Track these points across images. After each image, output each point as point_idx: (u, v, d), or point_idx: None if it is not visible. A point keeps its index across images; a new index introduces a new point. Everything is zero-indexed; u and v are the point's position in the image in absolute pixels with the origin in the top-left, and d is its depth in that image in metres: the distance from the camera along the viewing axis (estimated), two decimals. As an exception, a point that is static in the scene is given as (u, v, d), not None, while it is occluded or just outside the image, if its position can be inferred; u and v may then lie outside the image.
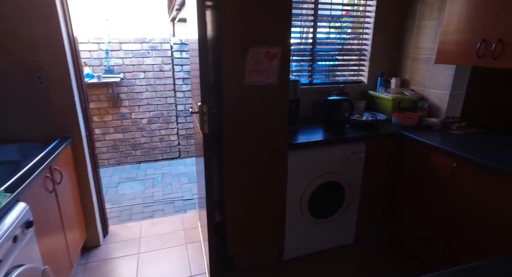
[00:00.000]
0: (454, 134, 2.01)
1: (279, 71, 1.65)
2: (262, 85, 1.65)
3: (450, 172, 1.76)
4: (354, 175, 2.08)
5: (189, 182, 3.42)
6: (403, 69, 2.48)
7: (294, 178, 1.91)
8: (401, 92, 2.34)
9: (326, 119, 2.11)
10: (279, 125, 1.76)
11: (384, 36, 2.44)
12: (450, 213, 1.79)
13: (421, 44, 2.29)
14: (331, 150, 1.95)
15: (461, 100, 2.16)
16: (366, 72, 2.52)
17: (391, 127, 2.19)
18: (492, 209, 1.55)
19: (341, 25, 2.47)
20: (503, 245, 1.52)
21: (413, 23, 2.35)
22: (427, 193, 1.94)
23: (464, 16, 1.79)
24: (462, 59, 1.81)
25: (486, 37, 1.67)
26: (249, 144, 1.73)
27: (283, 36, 1.61)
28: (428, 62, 2.25)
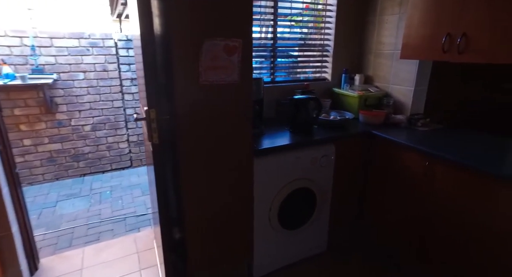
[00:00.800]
0: (420, 130, 1.97)
1: (240, 68, 1.43)
2: (222, 84, 1.42)
3: (422, 171, 1.69)
4: (325, 179, 1.94)
5: (142, 195, 3.06)
6: (366, 65, 2.41)
7: (262, 187, 1.71)
8: (366, 89, 2.26)
9: (292, 120, 1.94)
10: (242, 129, 1.54)
11: (346, 31, 2.35)
12: (424, 213, 1.72)
13: (383, 39, 2.23)
14: (300, 154, 1.78)
15: (424, 96, 2.13)
16: (330, 69, 2.41)
17: (359, 125, 2.09)
18: (465, 206, 1.50)
19: (302, 19, 2.33)
20: (475, 242, 1.47)
21: (374, 17, 2.28)
22: (399, 193, 1.86)
23: (427, 10, 1.73)
24: (428, 54, 1.75)
25: (450, 31, 1.62)
26: (209, 152, 1.48)
27: (244, 27, 1.39)
28: (391, 58, 2.19)
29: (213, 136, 1.47)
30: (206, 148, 1.47)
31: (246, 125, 1.54)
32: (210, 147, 1.48)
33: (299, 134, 1.89)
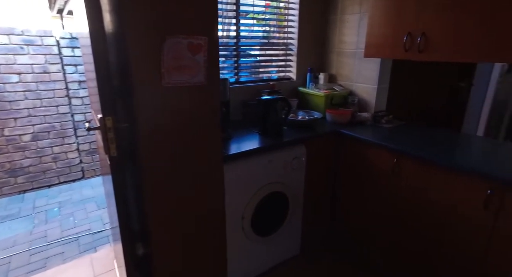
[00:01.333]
0: (385, 127, 2.01)
1: (206, 68, 1.31)
2: (187, 86, 1.28)
3: (390, 168, 1.72)
4: (297, 181, 1.89)
5: (98, 209, 2.77)
6: (330, 64, 2.42)
7: (233, 195, 1.61)
8: (331, 88, 2.27)
9: (261, 122, 1.86)
10: (211, 134, 1.42)
11: (309, 29, 2.33)
12: (393, 209, 1.76)
13: (345, 38, 2.25)
14: (272, 157, 1.71)
15: (386, 93, 2.19)
16: (294, 68, 2.37)
17: (327, 125, 2.08)
18: (433, 202, 1.55)
19: (265, 17, 2.26)
20: (446, 236, 1.52)
21: (335, 16, 2.29)
22: (369, 191, 1.88)
23: (388, 10, 1.76)
24: (391, 53, 1.78)
25: (410, 31, 1.66)
26: (175, 161, 1.34)
27: (209, 23, 1.27)
28: (353, 56, 2.22)
29: (178, 144, 1.33)
30: (171, 156, 1.32)
31: (214, 130, 1.42)
32: (175, 155, 1.34)
33: (269, 137, 1.82)
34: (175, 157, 1.34)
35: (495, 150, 1.68)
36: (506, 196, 1.29)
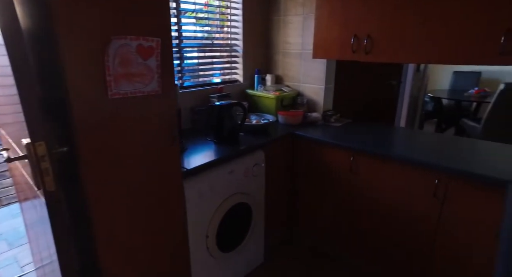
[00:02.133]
0: (336, 126, 2.08)
1: (160, 74, 1.13)
2: (139, 96, 1.09)
3: (348, 166, 1.78)
4: (258, 188, 1.82)
5: (10, 248, 2.25)
6: (276, 65, 2.40)
7: (196, 213, 1.45)
8: (279, 89, 2.25)
9: (216, 129, 1.72)
10: (169, 151, 1.24)
11: (253, 30, 2.27)
12: (353, 205, 1.82)
13: (289, 39, 2.25)
14: (233, 166, 1.60)
15: (332, 93, 2.27)
16: (241, 70, 2.29)
17: (280, 127, 2.05)
18: (389, 194, 1.64)
19: (207, 16, 2.11)
20: (401, 224, 1.64)
21: (279, 17, 2.27)
22: (328, 190, 1.92)
23: (334, 13, 1.80)
24: (339, 54, 1.83)
25: (357, 33, 1.73)
26: (128, 185, 1.13)
27: (161, 21, 1.09)
28: (299, 57, 2.23)
29: (131, 166, 1.12)
30: (123, 181, 1.11)
31: (172, 145, 1.25)
32: (128, 179, 1.12)
33: (226, 144, 1.70)
34: (128, 182, 1.13)
35: (437, 143, 1.85)
36: (450, 185, 1.43)
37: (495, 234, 1.24)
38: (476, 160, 1.47)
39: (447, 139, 1.84)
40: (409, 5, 1.52)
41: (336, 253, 2.02)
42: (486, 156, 1.54)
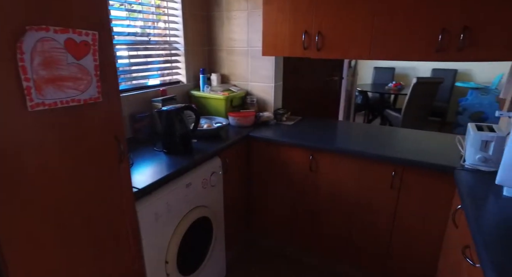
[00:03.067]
0: (289, 125, 2.04)
1: (100, 76, 0.90)
2: (73, 107, 0.85)
3: (307, 165, 1.75)
4: (217, 199, 1.66)
5: None
6: (221, 64, 2.25)
7: (152, 238, 1.24)
8: (227, 89, 2.11)
9: (165, 138, 1.51)
10: (115, 169, 1.01)
11: (195, 26, 2.08)
12: (314, 204, 1.81)
13: (234, 36, 2.13)
14: (190, 179, 1.42)
15: (281, 91, 2.23)
16: (183, 70, 2.08)
17: (232, 130, 1.92)
18: (350, 189, 1.66)
19: (142, 9, 1.84)
20: (363, 215, 1.68)
21: (221, 13, 2.12)
22: (288, 190, 1.87)
23: (283, 9, 1.74)
24: (290, 51, 1.78)
25: (307, 29, 1.70)
26: (64, 221, 0.88)
27: (99, 9, 0.86)
28: (246, 55, 2.13)
29: (68, 195, 0.88)
30: (57, 217, 0.86)
31: (121, 163, 1.02)
32: (64, 212, 0.88)
33: (179, 154, 1.50)
34: (63, 214, 0.88)
35: (386, 135, 1.93)
36: (404, 176, 1.51)
37: (452, 215, 1.33)
38: (425, 150, 1.57)
39: (393, 130, 1.95)
40: (357, 3, 1.54)
41: (299, 253, 1.99)
42: (429, 145, 1.66)
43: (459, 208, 1.24)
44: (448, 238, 1.39)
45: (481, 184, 1.23)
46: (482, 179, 1.28)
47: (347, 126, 2.04)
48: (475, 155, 1.36)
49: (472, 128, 1.41)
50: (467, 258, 1.01)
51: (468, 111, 4.88)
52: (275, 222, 1.99)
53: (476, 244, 0.92)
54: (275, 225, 2.00)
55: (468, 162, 1.38)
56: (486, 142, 1.33)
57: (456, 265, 1.17)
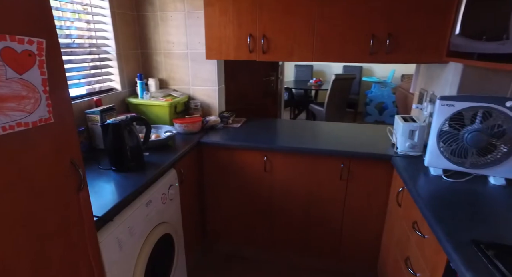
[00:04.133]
0: (236, 127, 2.04)
1: (50, 92, 0.75)
2: (20, 132, 0.68)
3: (262, 166, 1.78)
4: (175, 212, 1.57)
5: None
6: (158, 67, 2.09)
7: (117, 268, 1.10)
8: (168, 95, 1.99)
9: (114, 154, 1.35)
10: (73, 199, 0.86)
11: (126, 27, 1.89)
12: (270, 204, 1.86)
13: (171, 38, 2.00)
14: (149, 196, 1.30)
15: (224, 93, 2.20)
16: (117, 76, 1.87)
17: (181, 137, 1.83)
18: (304, 184, 1.77)
19: (59, 6, 1.57)
20: (317, 206, 1.81)
21: (154, 13, 1.97)
22: (243, 194, 1.88)
23: (226, 12, 1.72)
24: (235, 54, 1.77)
25: (252, 32, 1.72)
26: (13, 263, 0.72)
27: (45, 10, 0.71)
28: (185, 58, 2.03)
29: (16, 240, 0.71)
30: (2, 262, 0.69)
31: (80, 190, 0.87)
32: (12, 259, 0.71)
33: (131, 171, 1.36)
34: (11, 265, 0.72)
35: (332, 131, 2.09)
36: (351, 167, 1.67)
37: (396, 196, 1.54)
38: (365, 142, 1.76)
39: (334, 126, 2.13)
40: (298, 9, 1.63)
41: (257, 252, 2.03)
42: (367, 137, 1.87)
43: (401, 190, 1.44)
44: (391, 217, 1.60)
45: (413, 167, 1.45)
46: (413, 162, 1.50)
47: (292, 125, 2.15)
48: (405, 143, 1.59)
49: (399, 120, 1.65)
50: (417, 231, 1.19)
51: (374, 102, 5.66)
52: (232, 225, 1.98)
53: (426, 219, 1.08)
54: (232, 228, 1.98)
55: (400, 149, 1.61)
56: (412, 131, 1.58)
57: (404, 239, 1.36)
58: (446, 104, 1.30)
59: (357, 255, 1.83)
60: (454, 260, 0.86)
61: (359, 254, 1.82)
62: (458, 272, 0.83)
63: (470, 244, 0.89)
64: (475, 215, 1.04)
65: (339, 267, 1.91)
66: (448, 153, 1.33)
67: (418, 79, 1.98)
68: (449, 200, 1.14)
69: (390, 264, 1.54)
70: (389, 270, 1.55)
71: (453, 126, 1.30)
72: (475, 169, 1.31)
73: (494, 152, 1.27)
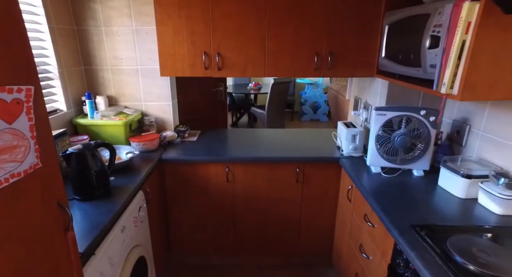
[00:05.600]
0: (193, 141, 2.08)
1: (37, 137, 0.73)
2: (12, 184, 0.66)
3: (224, 178, 1.87)
4: (145, 232, 1.56)
5: None
6: (104, 84, 1.99)
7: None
8: (120, 112, 1.92)
9: (77, 183, 1.28)
10: (61, 242, 0.84)
11: (68, 43, 1.76)
12: (234, 212, 1.96)
13: (119, 54, 1.93)
14: (123, 222, 1.28)
15: (177, 108, 2.21)
16: (61, 95, 1.74)
17: (140, 156, 1.80)
18: (265, 189, 1.91)
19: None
20: (278, 208, 1.97)
21: (98, 28, 1.87)
22: (206, 206, 1.94)
23: (179, 30, 1.74)
24: (190, 71, 1.81)
25: (206, 50, 1.78)
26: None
27: (28, 59, 0.69)
28: (136, 74, 1.98)
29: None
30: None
31: (67, 231, 0.86)
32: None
33: (99, 198, 1.32)
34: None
35: (283, 137, 2.27)
36: (305, 171, 1.87)
37: (346, 193, 1.78)
38: (315, 146, 1.98)
39: (284, 132, 2.32)
40: (249, 29, 1.75)
41: (224, 260, 2.11)
42: (316, 141, 2.10)
43: (351, 188, 1.69)
44: (342, 211, 1.85)
45: (357, 167, 1.70)
46: (357, 162, 1.77)
47: (246, 134, 2.27)
48: (348, 146, 1.85)
49: (342, 126, 1.91)
50: (368, 222, 1.43)
51: (308, 102, 6.14)
52: (197, 236, 2.02)
53: (375, 211, 1.31)
54: (198, 239, 2.03)
55: (345, 152, 1.87)
56: (354, 135, 1.84)
57: (356, 229, 1.60)
58: (380, 113, 1.56)
59: (314, 248, 2.05)
60: (400, 243, 1.08)
61: (316, 247, 2.04)
62: (404, 252, 1.06)
63: (409, 229, 1.13)
64: (408, 203, 1.30)
65: (299, 261, 2.11)
66: (383, 153, 1.61)
67: (352, 88, 2.29)
68: (389, 193, 1.40)
69: (345, 252, 1.78)
70: (344, 257, 1.80)
71: (386, 131, 1.58)
72: (403, 164, 1.61)
73: (415, 150, 1.58)
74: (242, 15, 1.72)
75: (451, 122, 1.65)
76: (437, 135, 1.65)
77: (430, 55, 1.17)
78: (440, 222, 1.15)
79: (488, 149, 1.39)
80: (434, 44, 1.13)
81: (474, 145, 1.47)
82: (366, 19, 1.72)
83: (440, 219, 1.17)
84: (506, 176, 1.21)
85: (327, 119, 6.13)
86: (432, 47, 1.15)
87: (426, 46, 1.18)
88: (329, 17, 1.72)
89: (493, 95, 1.00)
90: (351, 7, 1.70)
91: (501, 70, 0.97)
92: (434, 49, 1.14)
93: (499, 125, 1.31)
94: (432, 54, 1.16)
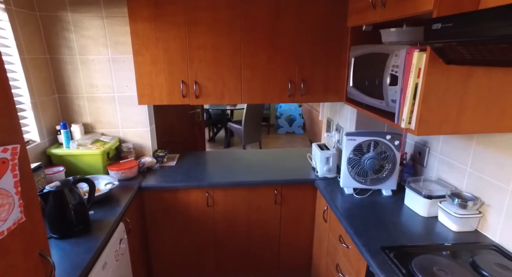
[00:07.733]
0: (172, 166, 2.09)
1: (22, 192, 0.74)
2: None
3: (204, 203, 1.90)
4: (127, 265, 1.55)
5: None
6: (80, 112, 1.97)
7: None
8: (97, 140, 1.90)
9: (56, 221, 1.27)
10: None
11: (40, 72, 1.74)
12: (216, 237, 1.98)
13: (96, 82, 1.92)
14: (105, 258, 1.28)
15: (155, 133, 2.22)
16: (34, 126, 1.70)
17: (119, 184, 1.79)
18: (244, 212, 1.96)
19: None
20: (258, 229, 2.02)
21: (73, 56, 1.86)
22: (187, 232, 1.95)
23: (156, 60, 1.78)
24: (168, 99, 1.84)
25: (184, 79, 1.83)
26: None
27: (13, 118, 0.71)
28: (113, 101, 1.98)
29: None
30: None
31: (49, 279, 0.86)
32: None
33: (78, 235, 1.30)
34: None
35: (261, 159, 2.33)
36: (283, 192, 1.95)
37: (322, 214, 1.87)
38: (291, 168, 2.07)
39: (262, 153, 2.39)
40: (225, 59, 1.82)
41: (207, 282, 2.12)
42: (292, 162, 2.19)
43: (326, 209, 1.78)
44: (319, 230, 1.93)
45: (332, 188, 1.80)
46: (331, 183, 1.86)
47: (224, 156, 2.32)
48: (323, 167, 1.95)
49: (316, 148, 2.01)
50: (342, 244, 1.52)
51: (284, 115, 6.30)
52: (179, 261, 2.02)
53: (348, 234, 1.40)
54: (179, 264, 2.03)
55: (320, 173, 1.97)
56: (327, 158, 1.95)
57: (333, 249, 1.69)
58: (350, 138, 1.67)
59: (294, 266, 2.11)
60: (372, 265, 1.17)
61: (295, 264, 2.11)
62: (375, 274, 1.15)
63: (379, 251, 1.23)
64: (378, 224, 1.40)
65: (280, 279, 2.17)
66: (355, 174, 1.72)
67: (325, 110, 2.42)
68: (361, 214, 1.49)
69: (323, 270, 1.86)
70: (322, 275, 1.87)
71: (357, 154, 1.69)
72: (373, 185, 1.72)
73: (383, 171, 1.70)
74: (218, 46, 1.79)
75: (413, 144, 1.79)
76: (402, 155, 1.79)
77: (391, 91, 1.29)
78: (407, 241, 1.26)
79: (444, 170, 1.53)
80: (394, 82, 1.26)
81: (434, 166, 1.61)
82: (333, 50, 1.85)
83: (407, 238, 1.28)
84: (459, 196, 1.34)
85: (303, 132, 6.30)
86: (392, 84, 1.28)
87: (387, 83, 1.30)
88: (298, 48, 1.83)
89: (442, 131, 1.13)
90: (319, 40, 1.82)
91: (446, 111, 1.10)
92: (394, 86, 1.26)
93: (452, 149, 1.46)
94: (392, 90, 1.28)
